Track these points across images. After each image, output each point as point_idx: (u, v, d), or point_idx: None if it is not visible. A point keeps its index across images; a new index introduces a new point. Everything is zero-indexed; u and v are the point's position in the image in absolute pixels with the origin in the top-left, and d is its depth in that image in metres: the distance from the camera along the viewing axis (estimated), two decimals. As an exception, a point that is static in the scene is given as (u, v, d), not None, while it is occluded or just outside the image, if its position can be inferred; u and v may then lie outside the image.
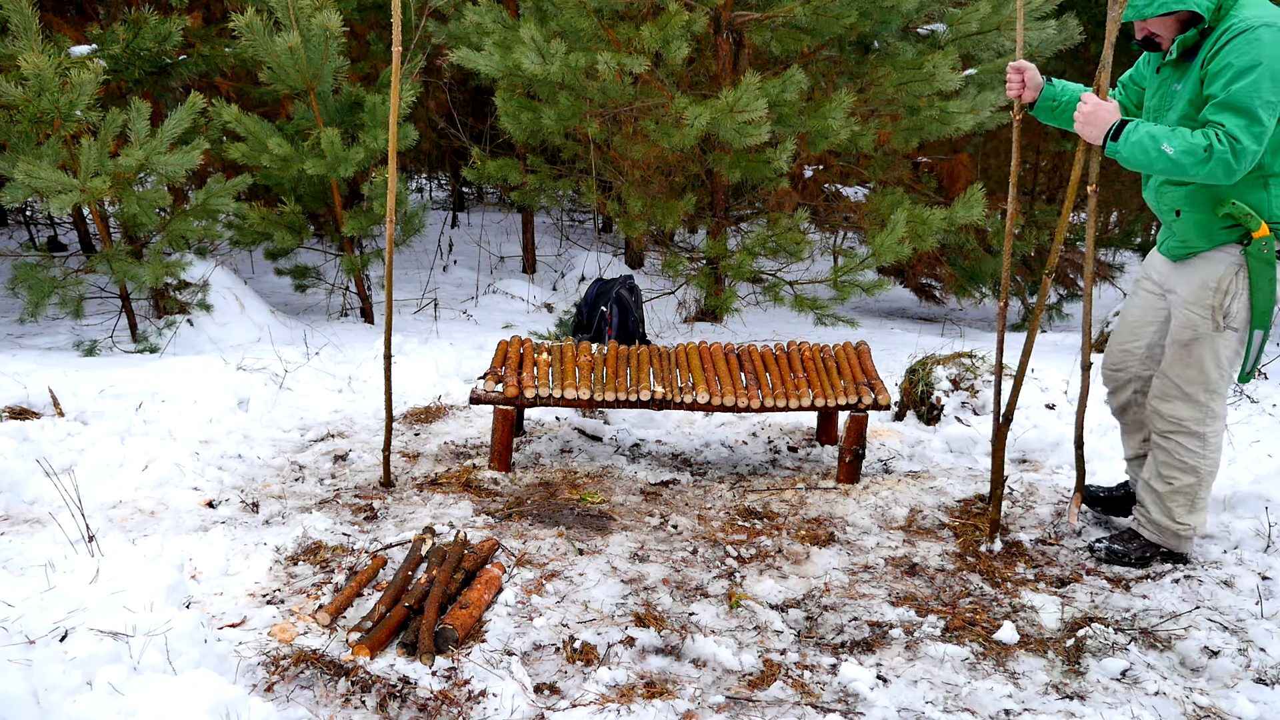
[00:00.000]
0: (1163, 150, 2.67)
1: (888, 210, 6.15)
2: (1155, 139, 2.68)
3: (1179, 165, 2.67)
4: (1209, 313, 2.94)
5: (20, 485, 3.47)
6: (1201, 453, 3.07)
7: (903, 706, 2.44)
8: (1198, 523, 3.16)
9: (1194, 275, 2.97)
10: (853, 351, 4.15)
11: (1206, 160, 2.63)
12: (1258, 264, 2.85)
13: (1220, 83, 2.65)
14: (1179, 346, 3.03)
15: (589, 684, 2.48)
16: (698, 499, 3.76)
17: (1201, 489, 3.11)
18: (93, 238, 6.83)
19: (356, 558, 3.11)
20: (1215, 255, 2.92)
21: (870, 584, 3.09)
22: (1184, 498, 3.11)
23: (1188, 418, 3.05)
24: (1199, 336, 2.97)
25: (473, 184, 11.59)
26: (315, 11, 5.41)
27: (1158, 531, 3.20)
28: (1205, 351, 2.98)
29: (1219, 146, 2.62)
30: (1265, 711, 2.45)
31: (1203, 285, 2.94)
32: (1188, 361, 3.01)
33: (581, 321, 6.07)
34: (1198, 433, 3.05)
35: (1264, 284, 2.87)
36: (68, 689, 2.11)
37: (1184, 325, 3.01)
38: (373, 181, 6.07)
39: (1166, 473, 3.13)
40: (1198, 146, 2.63)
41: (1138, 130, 2.71)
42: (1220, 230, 2.88)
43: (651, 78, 5.80)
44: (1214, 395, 3.02)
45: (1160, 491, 3.16)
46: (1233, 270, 2.89)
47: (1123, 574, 3.18)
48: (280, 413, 4.47)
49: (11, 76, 4.69)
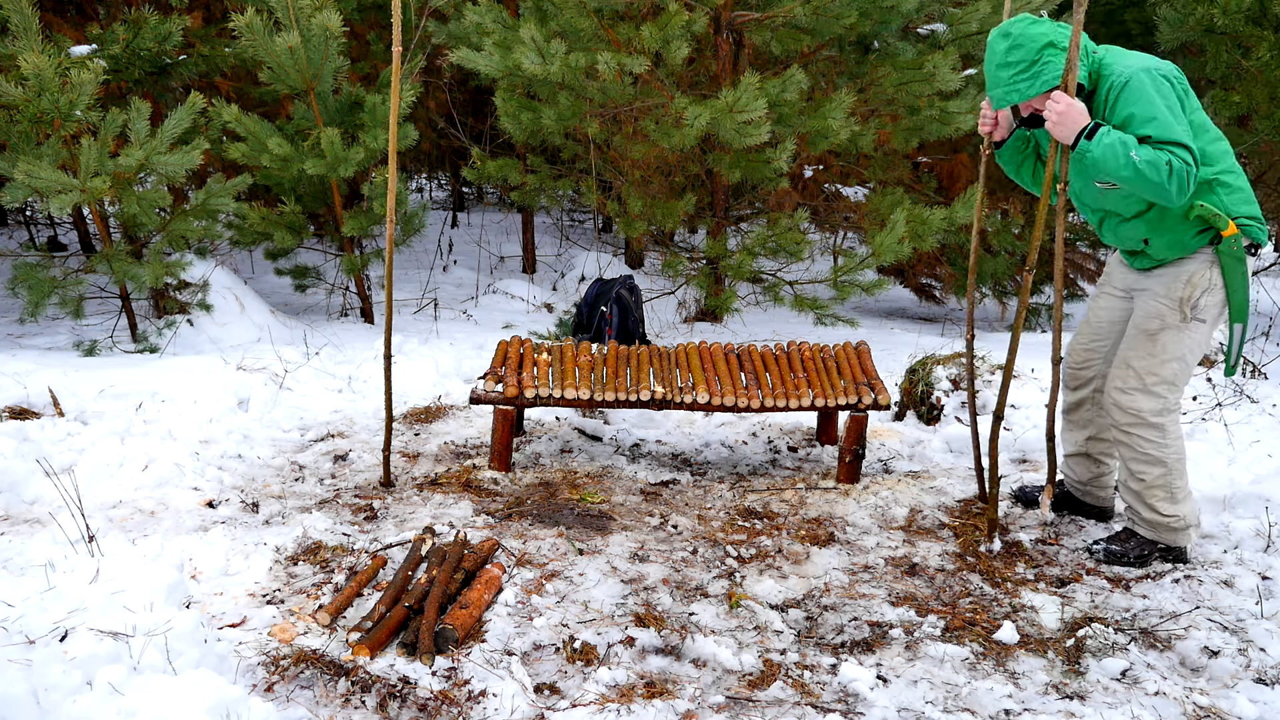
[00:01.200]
0: (1130, 157, 2.71)
1: (888, 210, 6.15)
2: (1125, 144, 2.72)
3: (1140, 174, 2.72)
4: (1176, 304, 2.99)
5: (20, 485, 3.47)
6: (1162, 442, 3.09)
7: (903, 706, 2.44)
8: (1185, 512, 3.15)
9: (1165, 272, 3.04)
10: (853, 351, 4.15)
11: (1169, 174, 2.70)
12: (1230, 260, 2.91)
13: (1134, 130, 2.76)
14: (1144, 336, 3.06)
15: (589, 684, 2.48)
16: (698, 499, 3.76)
17: (1174, 478, 3.13)
18: (93, 238, 6.83)
19: (356, 558, 3.11)
20: (1186, 258, 3.00)
21: (870, 584, 3.09)
22: (1161, 490, 3.13)
23: (1146, 409, 3.07)
24: (1165, 327, 3.02)
25: (473, 184, 11.60)
26: (315, 11, 5.41)
27: (1151, 528, 3.21)
28: (1169, 341, 3.02)
29: (1178, 163, 2.70)
30: (1265, 711, 2.44)
31: (1173, 279, 3.00)
32: (1151, 351, 3.05)
33: (581, 321, 6.07)
34: (1156, 424, 3.08)
35: (1237, 279, 2.93)
36: (68, 689, 2.11)
37: (1151, 315, 3.05)
38: (373, 181, 6.08)
39: (1135, 468, 3.16)
40: (1160, 160, 2.70)
41: (1110, 134, 2.75)
42: (1192, 239, 2.95)
43: (651, 78, 5.80)
44: (1173, 387, 3.06)
45: (1136, 490, 3.18)
46: (1205, 265, 2.95)
47: (1123, 574, 3.18)
48: (280, 413, 4.47)
49: (11, 76, 4.69)
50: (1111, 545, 3.26)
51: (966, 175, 7.67)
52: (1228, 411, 4.42)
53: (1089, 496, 3.57)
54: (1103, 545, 3.27)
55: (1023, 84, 2.88)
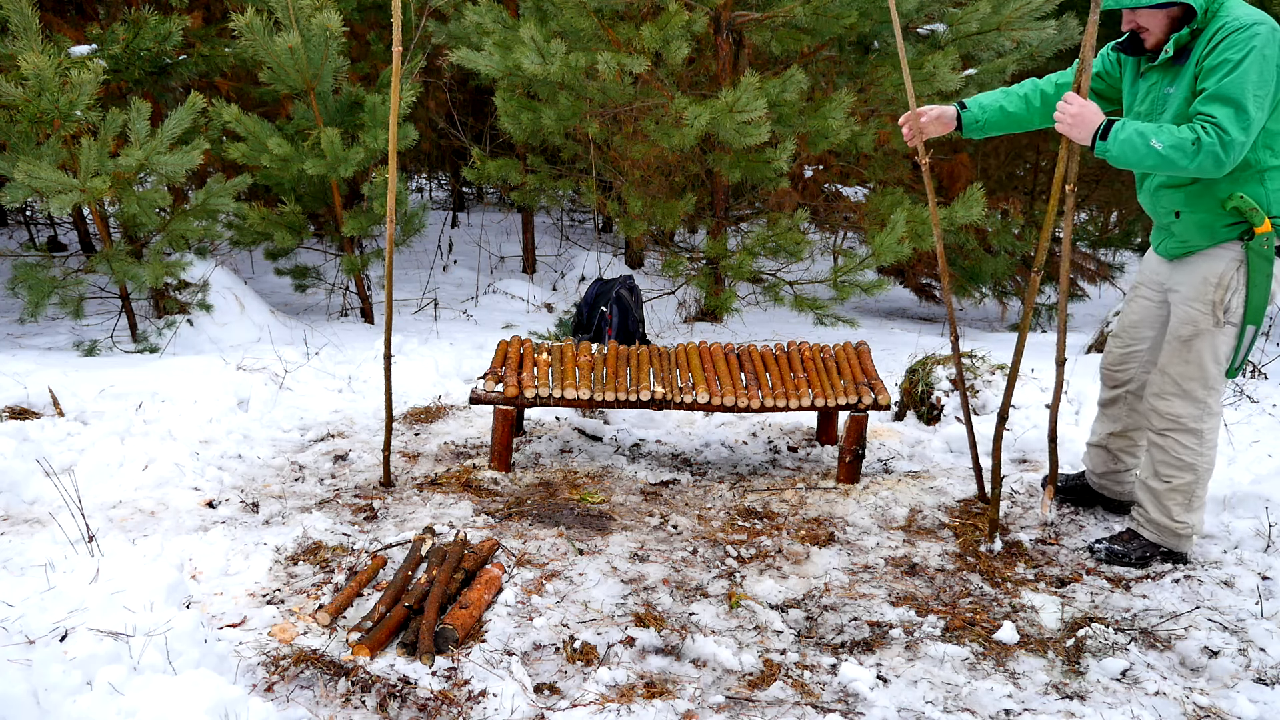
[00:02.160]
0: (1151, 146, 2.67)
1: (888, 210, 6.15)
2: (1144, 135, 2.69)
3: (1168, 160, 2.68)
4: (1210, 308, 2.95)
5: (20, 485, 3.47)
6: (1199, 450, 3.07)
7: (903, 706, 2.44)
8: (1195, 521, 3.16)
9: (1195, 272, 2.98)
10: (853, 351, 4.15)
11: (1195, 153, 2.64)
12: (1257, 259, 2.86)
13: (1215, 77, 2.67)
14: (1179, 342, 3.03)
15: (589, 684, 2.48)
16: (698, 499, 3.75)
17: (1199, 487, 3.12)
18: (93, 238, 6.83)
19: (356, 558, 3.11)
20: (1216, 252, 2.93)
21: (870, 584, 3.09)
22: (1181, 495, 3.12)
23: (1185, 415, 3.05)
24: (1199, 332, 2.98)
25: (473, 184, 11.59)
26: (315, 11, 5.41)
27: (1157, 531, 3.20)
28: (1204, 347, 2.99)
29: (1206, 139, 2.63)
30: (1265, 711, 2.45)
31: (1204, 281, 2.95)
32: (1187, 358, 3.02)
33: (581, 321, 6.07)
34: (1195, 429, 3.06)
35: (1261, 280, 2.88)
36: (68, 689, 2.11)
37: (1184, 321, 3.01)
38: (373, 181, 6.07)
39: (1164, 471, 3.14)
40: (1185, 140, 2.65)
41: (1125, 128, 2.72)
42: (1223, 228, 2.89)
43: (651, 78, 5.80)
44: (1211, 391, 3.03)
45: (1157, 490, 3.16)
46: (1234, 266, 2.90)
47: (1123, 574, 3.18)
48: (280, 413, 4.47)
49: (11, 76, 4.69)
50: (1114, 545, 3.26)
51: (966, 175, 7.67)
52: (1228, 411, 4.42)
53: (1105, 490, 3.59)
54: (1105, 545, 3.27)
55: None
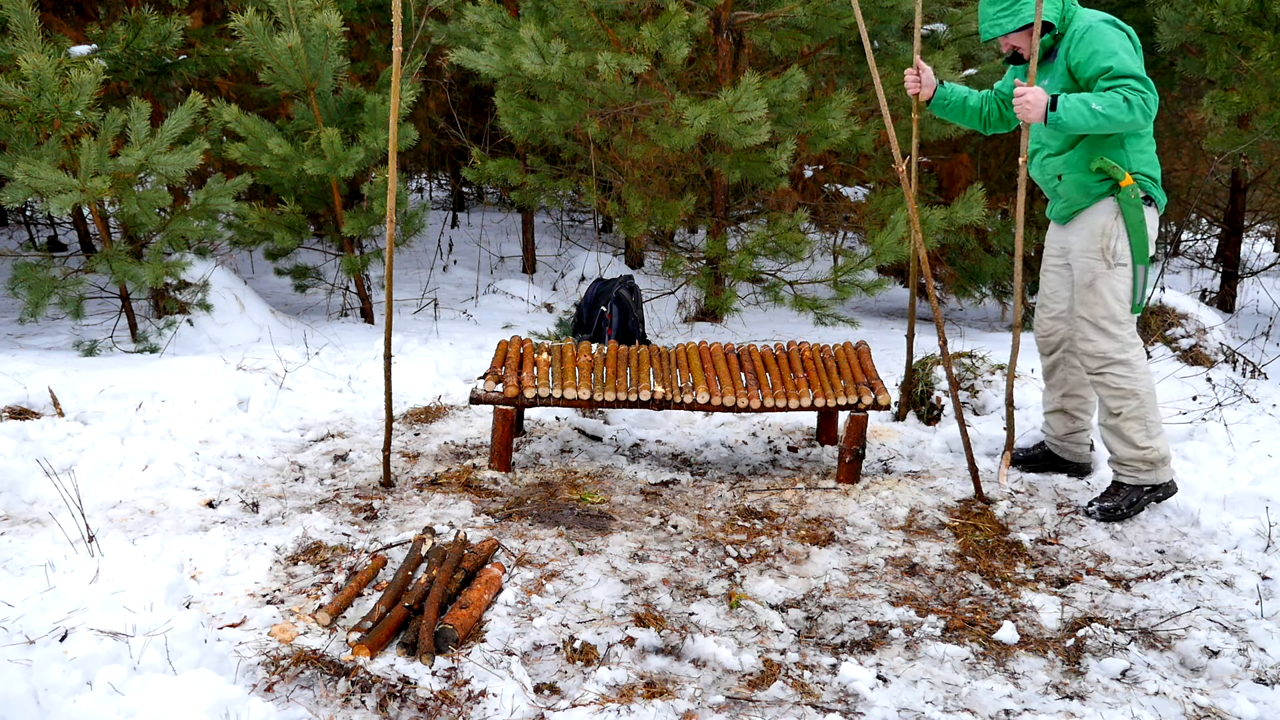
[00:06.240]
0: (1093, 109, 3.18)
1: (888, 210, 6.15)
2: (1084, 101, 3.19)
3: (1107, 117, 3.18)
4: (1100, 254, 3.45)
5: (20, 485, 3.47)
6: (1132, 375, 3.46)
7: (903, 706, 2.44)
8: (1160, 445, 3.47)
9: (1083, 228, 3.50)
10: (853, 351, 4.15)
11: (1129, 108, 3.16)
12: (1129, 208, 3.38)
13: (1095, 65, 3.24)
14: (1084, 289, 3.51)
15: (589, 684, 2.48)
16: (698, 499, 3.76)
17: (1148, 411, 3.47)
18: (93, 238, 6.82)
19: (356, 558, 3.11)
20: (1096, 207, 3.46)
21: (870, 584, 3.10)
22: (1135, 422, 3.46)
23: (1109, 348, 3.46)
24: (1097, 276, 3.46)
25: (473, 184, 11.59)
26: (315, 11, 5.41)
27: (1133, 470, 3.50)
28: (1104, 287, 3.45)
29: (1134, 96, 3.16)
30: (1265, 711, 2.45)
31: (1091, 233, 3.46)
32: (1093, 300, 3.48)
33: (581, 321, 6.07)
34: (1122, 359, 3.46)
35: (1137, 225, 3.39)
36: (68, 689, 2.11)
37: (1084, 270, 3.50)
38: (373, 181, 6.07)
39: (1112, 404, 3.49)
40: (1118, 100, 3.16)
41: (1068, 99, 3.23)
42: (1095, 184, 3.43)
43: (651, 78, 5.80)
44: (1123, 325, 3.46)
45: (1115, 425, 3.50)
46: (1111, 216, 3.42)
47: (1123, 574, 3.18)
48: (280, 413, 4.47)
49: (11, 76, 4.69)
50: (1104, 503, 3.52)
51: (966, 175, 7.67)
52: (1228, 411, 4.42)
53: (1066, 452, 3.92)
54: (1096, 505, 3.53)
55: (1004, 19, 3.41)
